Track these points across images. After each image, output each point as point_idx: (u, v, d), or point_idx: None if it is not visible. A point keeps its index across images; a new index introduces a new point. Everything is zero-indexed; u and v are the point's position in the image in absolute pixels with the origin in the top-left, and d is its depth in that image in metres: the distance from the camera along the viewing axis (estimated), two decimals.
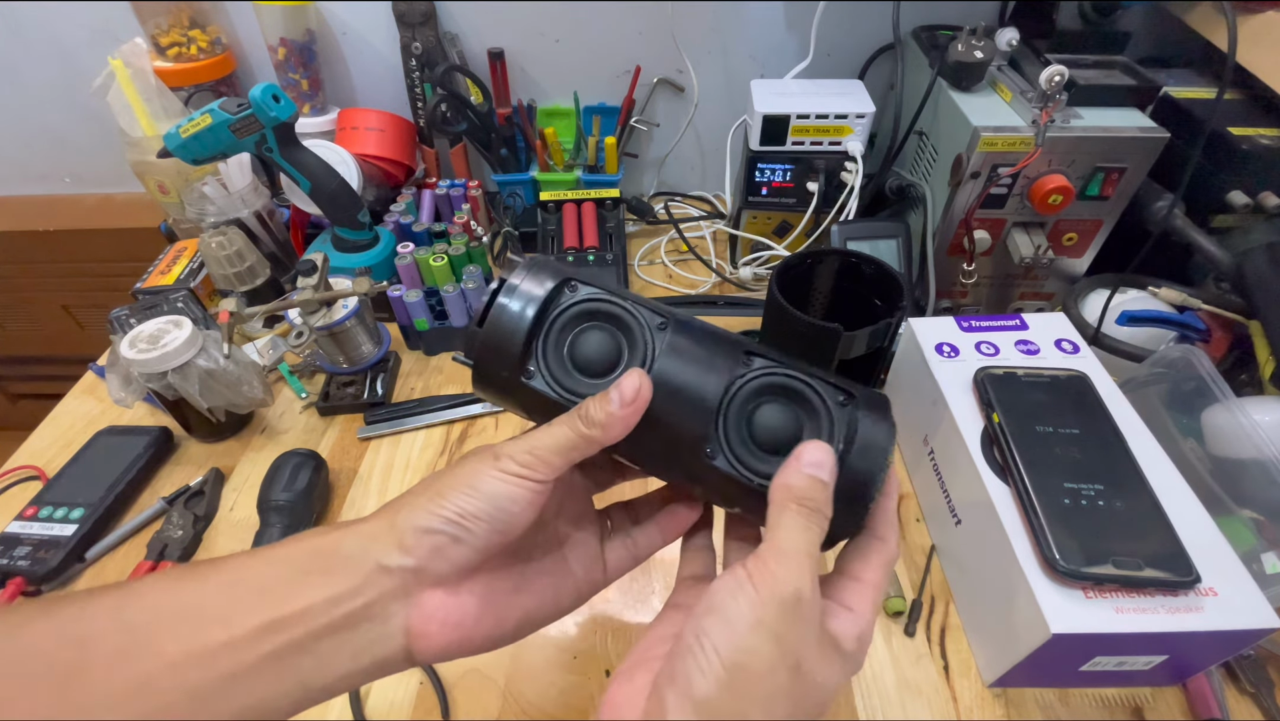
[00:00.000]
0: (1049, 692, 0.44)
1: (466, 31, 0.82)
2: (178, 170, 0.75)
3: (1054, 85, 0.56)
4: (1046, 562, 0.39)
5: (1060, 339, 0.54)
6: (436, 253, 0.69)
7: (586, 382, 0.27)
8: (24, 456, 0.62)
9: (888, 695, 0.45)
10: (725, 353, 0.27)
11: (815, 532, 0.24)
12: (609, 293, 0.27)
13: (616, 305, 0.27)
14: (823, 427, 0.26)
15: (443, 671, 0.46)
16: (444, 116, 0.80)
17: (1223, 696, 0.43)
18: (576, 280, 0.27)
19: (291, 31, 0.77)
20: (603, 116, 0.85)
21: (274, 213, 0.77)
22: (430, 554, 0.24)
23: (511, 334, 0.26)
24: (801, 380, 0.27)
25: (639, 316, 0.27)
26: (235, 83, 0.85)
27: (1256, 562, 0.43)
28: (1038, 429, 0.45)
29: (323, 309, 0.62)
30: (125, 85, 0.72)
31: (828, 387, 0.27)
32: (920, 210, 0.67)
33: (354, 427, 0.63)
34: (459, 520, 0.24)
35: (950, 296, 0.71)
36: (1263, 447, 0.45)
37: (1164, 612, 0.38)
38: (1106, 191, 0.61)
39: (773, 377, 0.27)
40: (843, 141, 0.70)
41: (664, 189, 0.96)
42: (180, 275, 0.70)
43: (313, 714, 0.44)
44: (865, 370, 0.59)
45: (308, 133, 0.81)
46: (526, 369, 0.26)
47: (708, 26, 0.81)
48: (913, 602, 0.49)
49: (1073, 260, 0.68)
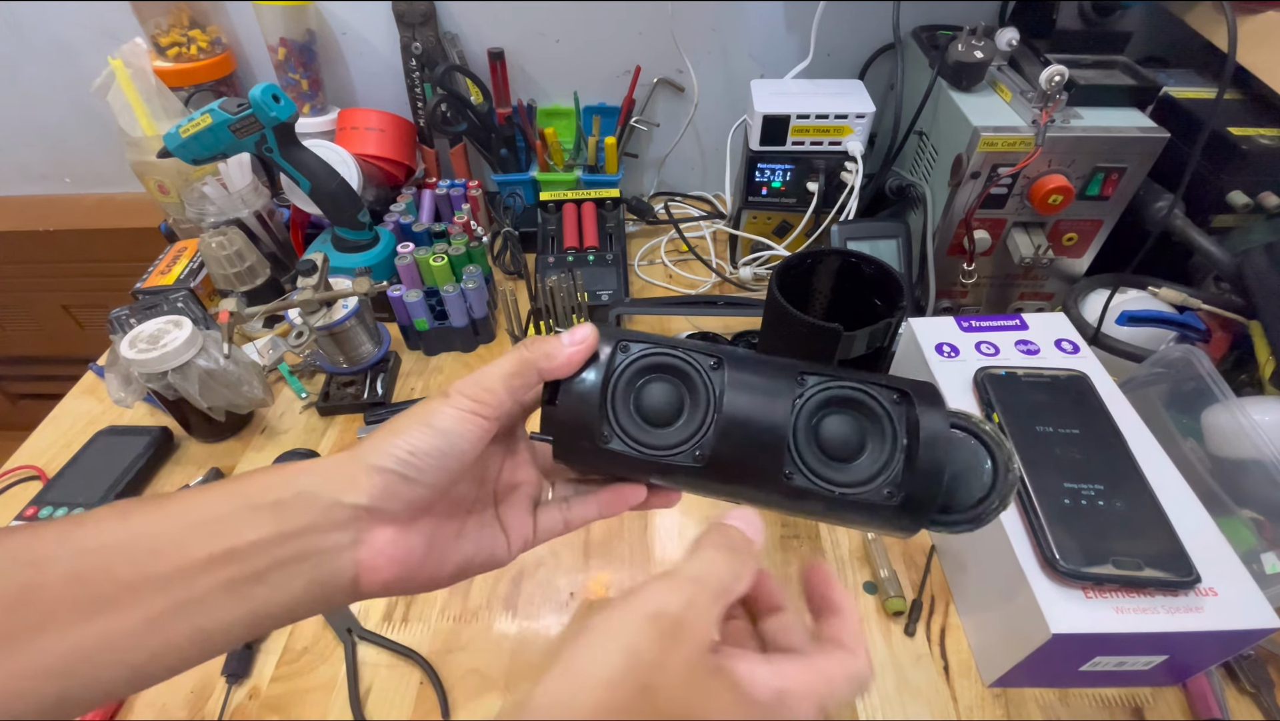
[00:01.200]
0: (1049, 692, 0.44)
1: (466, 31, 0.82)
2: (178, 170, 0.75)
3: (1054, 85, 0.56)
4: (1046, 562, 0.39)
5: (1060, 339, 0.54)
6: (436, 253, 0.69)
7: (658, 433, 0.28)
8: (24, 456, 0.62)
9: (888, 695, 0.45)
10: (781, 377, 0.28)
11: (719, 565, 0.23)
12: (660, 346, 0.29)
13: (670, 356, 0.29)
14: (885, 428, 0.28)
15: (443, 671, 0.46)
16: (444, 116, 0.80)
17: (1223, 696, 0.43)
18: (626, 339, 0.29)
19: (291, 31, 0.77)
20: (603, 116, 0.85)
21: (274, 213, 0.77)
22: (383, 492, 0.25)
23: (584, 405, 0.28)
24: (857, 388, 0.28)
25: (693, 361, 0.29)
26: (235, 83, 0.85)
27: (1256, 562, 0.43)
28: (1038, 429, 0.45)
29: (323, 309, 0.62)
30: (125, 85, 0.72)
31: (881, 390, 0.28)
32: (920, 210, 0.67)
33: (354, 428, 0.63)
34: (410, 458, 0.25)
35: (950, 296, 0.71)
36: (1263, 447, 0.45)
37: (1164, 612, 0.38)
38: (1106, 191, 0.61)
39: (830, 391, 0.28)
40: (843, 141, 0.70)
41: (664, 189, 0.96)
42: (180, 275, 0.70)
43: (312, 713, 0.44)
44: (865, 370, 0.59)
45: (308, 133, 0.81)
46: (602, 434, 0.28)
47: (708, 26, 0.81)
48: (913, 602, 0.49)
49: (1073, 260, 0.68)
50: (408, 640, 0.48)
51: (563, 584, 0.51)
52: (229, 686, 0.45)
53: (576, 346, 0.27)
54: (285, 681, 0.46)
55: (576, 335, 0.27)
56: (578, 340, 0.27)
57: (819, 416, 0.28)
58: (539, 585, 0.51)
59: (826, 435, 0.28)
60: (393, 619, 0.49)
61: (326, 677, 0.46)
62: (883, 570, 0.50)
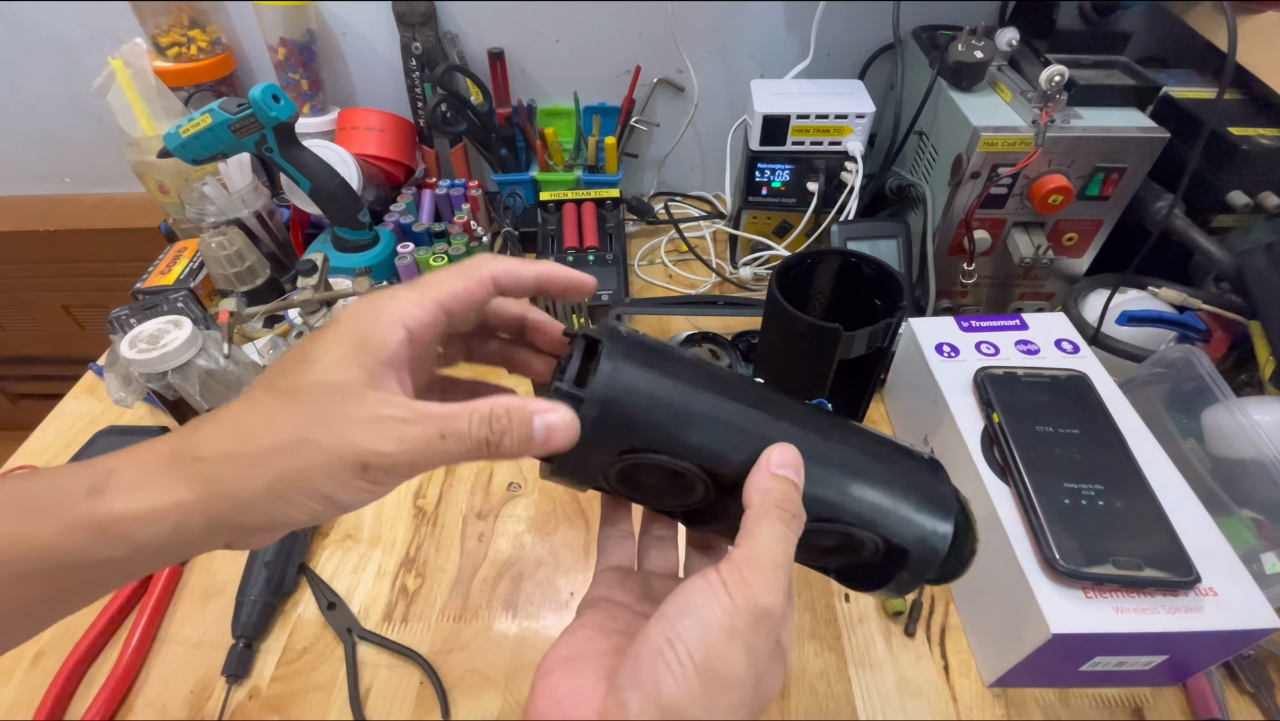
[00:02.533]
0: (1049, 692, 0.44)
1: (466, 31, 0.82)
2: (178, 170, 0.75)
3: (1054, 85, 0.56)
4: (1046, 562, 0.39)
5: (1060, 339, 0.54)
6: (436, 253, 0.69)
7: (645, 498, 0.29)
8: (24, 456, 0.62)
9: (888, 695, 0.45)
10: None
11: (791, 542, 0.24)
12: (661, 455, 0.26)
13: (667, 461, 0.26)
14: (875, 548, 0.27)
15: (443, 671, 0.46)
16: (444, 116, 0.80)
17: (1223, 696, 0.43)
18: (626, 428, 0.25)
19: (291, 31, 0.77)
20: (603, 116, 0.85)
21: (274, 213, 0.77)
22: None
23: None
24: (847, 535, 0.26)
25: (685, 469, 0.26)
26: (235, 83, 0.85)
27: (1256, 562, 0.43)
28: (1038, 429, 0.45)
29: (323, 309, 0.62)
30: (125, 85, 0.72)
31: (869, 534, 0.26)
32: (920, 210, 0.67)
33: None
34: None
35: (950, 296, 0.71)
36: (1263, 447, 0.45)
37: (1164, 612, 0.38)
38: (1106, 191, 0.61)
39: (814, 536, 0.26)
40: (843, 141, 0.70)
41: (664, 189, 0.96)
42: (180, 275, 0.70)
43: (312, 713, 0.44)
44: (865, 370, 0.59)
45: (308, 133, 0.81)
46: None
47: (708, 26, 0.81)
48: (913, 603, 0.49)
49: (1073, 260, 0.68)
50: (408, 640, 0.48)
51: (563, 584, 0.51)
52: (229, 686, 0.45)
53: (550, 434, 0.23)
54: (285, 681, 0.46)
55: (550, 421, 0.23)
56: (552, 427, 0.23)
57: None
58: (539, 585, 0.51)
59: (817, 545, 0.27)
60: (393, 619, 0.49)
61: (326, 677, 0.46)
62: None
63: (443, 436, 0.22)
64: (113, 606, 0.48)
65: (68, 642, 0.47)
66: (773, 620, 0.22)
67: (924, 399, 0.53)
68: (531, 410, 0.23)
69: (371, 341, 0.22)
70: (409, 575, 0.52)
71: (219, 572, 0.52)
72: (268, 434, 0.21)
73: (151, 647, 0.48)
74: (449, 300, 0.24)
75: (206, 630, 0.49)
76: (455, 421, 0.22)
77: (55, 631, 0.48)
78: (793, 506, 0.24)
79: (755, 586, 0.22)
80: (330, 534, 0.55)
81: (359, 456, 0.21)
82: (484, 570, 0.52)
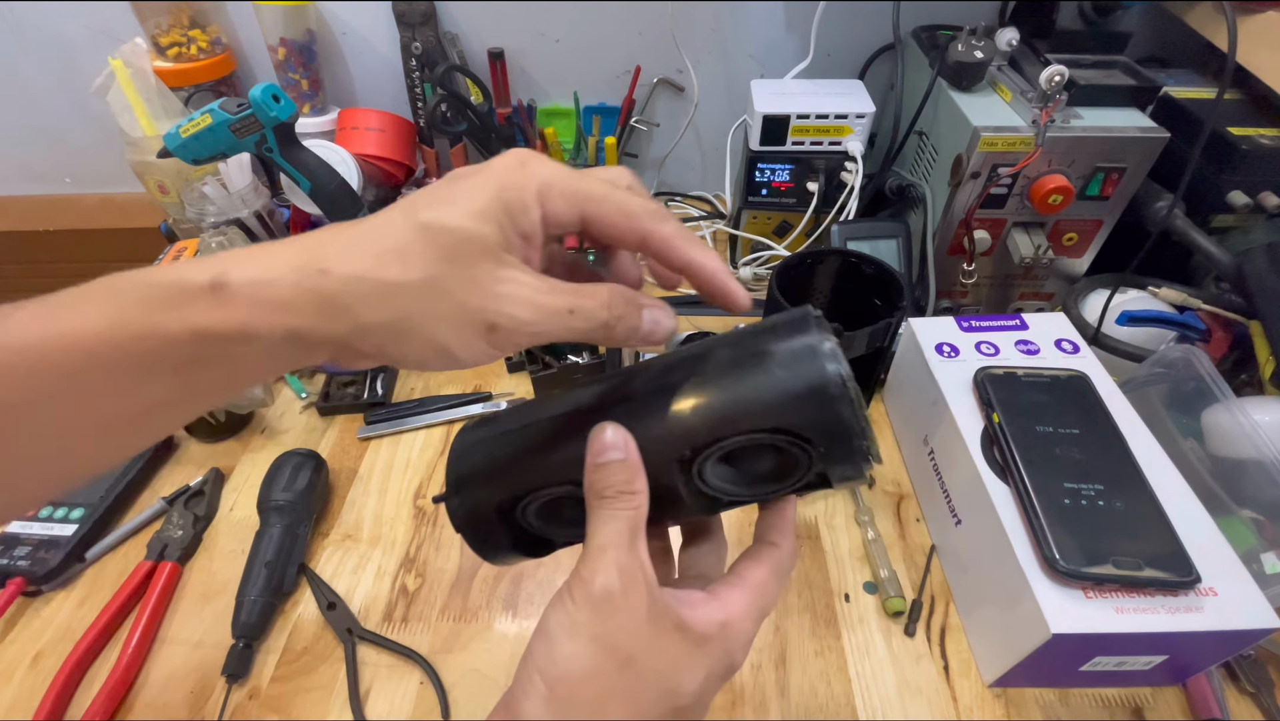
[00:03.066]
0: (1049, 692, 0.44)
1: (466, 31, 0.82)
2: (178, 170, 0.75)
3: (1054, 85, 0.56)
4: (1046, 562, 0.39)
5: (1060, 339, 0.54)
6: None
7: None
8: None
9: (888, 695, 0.45)
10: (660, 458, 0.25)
11: (621, 520, 0.23)
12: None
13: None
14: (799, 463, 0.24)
15: (443, 671, 0.46)
16: (444, 116, 0.80)
17: (1223, 696, 0.43)
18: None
19: (291, 31, 0.77)
20: (603, 116, 0.85)
21: (274, 213, 0.77)
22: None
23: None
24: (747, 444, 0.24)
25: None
26: (235, 83, 0.85)
27: (1256, 562, 0.43)
28: (1038, 429, 0.45)
29: None
30: (125, 85, 0.72)
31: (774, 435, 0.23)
32: (920, 210, 0.67)
33: (354, 428, 0.63)
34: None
35: (950, 296, 0.71)
36: (1263, 448, 0.45)
37: (1164, 612, 0.38)
38: (1106, 191, 0.61)
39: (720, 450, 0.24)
40: (843, 141, 0.70)
41: (664, 189, 0.96)
42: None
43: (312, 713, 0.44)
44: (865, 370, 0.59)
45: (308, 133, 0.81)
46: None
47: (708, 26, 0.81)
48: (913, 602, 0.49)
49: (1073, 260, 0.68)
50: (408, 640, 0.48)
51: (563, 584, 0.51)
52: (229, 686, 0.45)
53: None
54: (285, 681, 0.46)
55: (657, 315, 0.24)
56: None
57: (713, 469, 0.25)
58: (539, 585, 0.51)
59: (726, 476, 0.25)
60: (393, 619, 0.49)
61: (326, 677, 0.46)
62: (883, 570, 0.50)
63: (571, 312, 0.22)
64: (113, 606, 0.48)
65: (68, 642, 0.47)
66: (616, 598, 0.22)
67: (924, 399, 0.53)
68: (643, 303, 0.23)
69: (513, 206, 0.22)
70: (409, 575, 0.52)
71: (219, 572, 0.52)
72: (398, 267, 0.20)
73: (151, 648, 0.48)
74: (593, 222, 0.23)
75: (206, 630, 0.49)
76: (585, 299, 0.22)
77: (55, 631, 0.48)
78: (611, 488, 0.23)
79: (586, 576, 0.22)
80: (330, 534, 0.55)
81: (489, 317, 0.21)
82: (484, 570, 0.52)
